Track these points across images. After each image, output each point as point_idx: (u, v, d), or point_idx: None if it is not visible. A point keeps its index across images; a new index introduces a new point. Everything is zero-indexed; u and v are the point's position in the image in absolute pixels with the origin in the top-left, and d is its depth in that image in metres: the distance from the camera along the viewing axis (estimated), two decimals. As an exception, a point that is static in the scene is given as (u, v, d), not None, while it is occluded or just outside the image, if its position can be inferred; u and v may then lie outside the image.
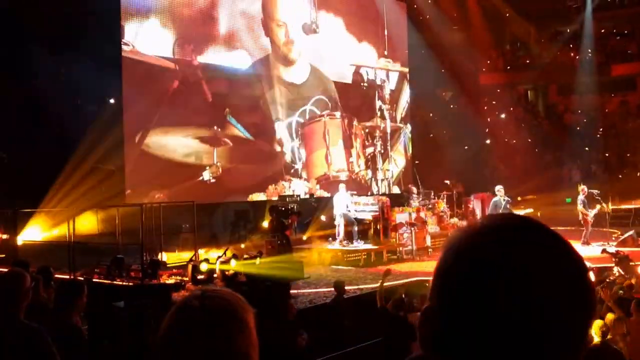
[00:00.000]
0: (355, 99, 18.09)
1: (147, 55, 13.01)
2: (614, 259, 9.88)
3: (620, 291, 7.48)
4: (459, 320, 0.76)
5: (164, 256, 10.33)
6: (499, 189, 13.74)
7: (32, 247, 10.32)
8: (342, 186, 13.89)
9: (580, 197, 14.12)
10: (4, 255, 10.10)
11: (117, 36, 12.56)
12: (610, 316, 5.81)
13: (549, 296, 0.73)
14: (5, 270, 5.73)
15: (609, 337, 5.35)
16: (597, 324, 5.19)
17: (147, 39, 13.03)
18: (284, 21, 16.03)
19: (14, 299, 3.23)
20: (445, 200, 15.27)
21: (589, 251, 13.33)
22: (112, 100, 12.65)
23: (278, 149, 15.74)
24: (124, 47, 12.65)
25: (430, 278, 0.82)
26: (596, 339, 5.18)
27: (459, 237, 0.80)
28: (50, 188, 10.99)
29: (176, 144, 13.41)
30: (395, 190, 18.58)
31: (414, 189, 15.45)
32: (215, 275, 9.10)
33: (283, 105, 15.97)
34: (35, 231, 10.95)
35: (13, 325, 3.17)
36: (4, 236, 10.70)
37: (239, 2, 14.95)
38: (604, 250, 12.68)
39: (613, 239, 14.15)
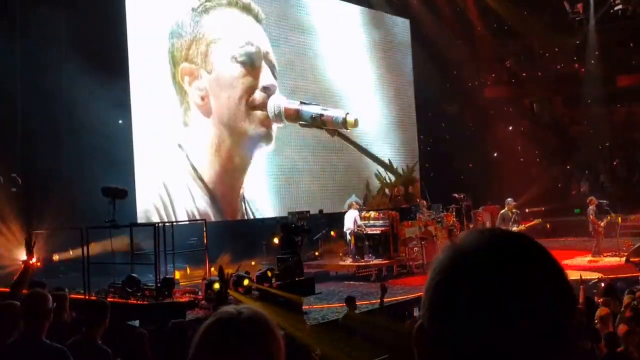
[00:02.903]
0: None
1: (153, 78, 13.23)
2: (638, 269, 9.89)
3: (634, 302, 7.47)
4: (450, 337, 0.79)
5: (176, 274, 10.42)
6: (509, 201, 13.78)
7: (46, 267, 10.41)
8: (352, 204, 14.04)
9: (591, 208, 14.13)
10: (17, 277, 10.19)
11: (125, 59, 12.77)
12: (623, 327, 5.82)
13: (538, 309, 0.77)
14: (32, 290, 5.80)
15: (621, 348, 5.36)
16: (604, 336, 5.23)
17: (153, 63, 13.25)
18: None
19: (37, 320, 3.28)
20: (454, 213, 15.30)
21: (601, 262, 13.35)
22: (120, 121, 12.82)
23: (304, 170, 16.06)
24: (131, 70, 12.87)
25: None
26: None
27: (447, 257, 0.84)
28: (66, 209, 11.10)
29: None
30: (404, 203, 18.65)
31: (423, 203, 15.51)
32: (228, 292, 9.15)
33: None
34: (49, 251, 11.03)
35: (36, 346, 3.22)
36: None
37: (241, 31, 15.10)
38: (627, 260, 12.71)
39: (624, 249, 14.11)
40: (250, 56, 14.77)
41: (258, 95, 14.91)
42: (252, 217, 14.75)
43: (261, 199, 15.03)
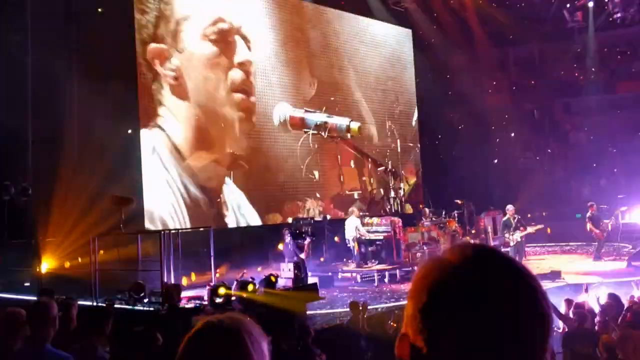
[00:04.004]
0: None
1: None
2: None
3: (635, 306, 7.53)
4: (437, 346, 0.84)
5: (182, 280, 10.57)
6: (509, 208, 13.91)
7: (56, 275, 10.57)
8: (352, 211, 14.17)
9: (589, 214, 14.25)
10: (28, 284, 10.36)
11: (134, 66, 12.90)
12: (619, 333, 5.92)
13: (517, 320, 0.83)
14: (33, 299, 5.95)
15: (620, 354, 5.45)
16: (603, 341, 5.33)
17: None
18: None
19: (42, 327, 3.30)
20: (456, 219, 15.41)
21: (602, 266, 13.43)
22: (130, 131, 12.96)
23: (292, 169, 16.02)
24: (140, 76, 12.97)
25: None
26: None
27: (429, 270, 0.88)
28: (71, 217, 11.25)
29: (193, 168, 13.68)
30: (408, 209, 18.77)
31: (426, 209, 15.63)
32: (233, 299, 9.28)
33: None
34: (59, 260, 11.19)
35: (41, 353, 3.24)
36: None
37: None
38: (629, 264, 12.80)
39: (625, 252, 14.22)
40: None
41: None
42: (247, 222, 14.77)
43: (264, 204, 15.16)
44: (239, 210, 14.50)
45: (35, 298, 7.25)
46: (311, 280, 11.35)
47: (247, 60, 14.82)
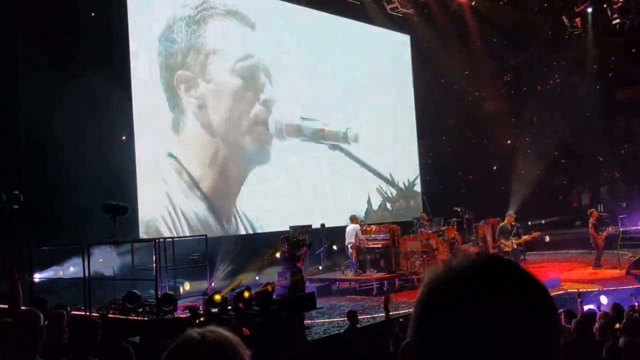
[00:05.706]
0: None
1: (153, 95, 13.32)
2: None
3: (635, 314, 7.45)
4: (437, 356, 0.82)
5: (178, 290, 10.44)
6: (509, 214, 13.82)
7: (48, 284, 10.45)
8: (353, 217, 14.07)
9: (591, 221, 14.15)
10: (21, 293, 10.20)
11: (127, 77, 12.84)
12: (623, 339, 5.82)
13: (522, 332, 0.80)
14: (23, 308, 5.78)
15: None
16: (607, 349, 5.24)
17: (154, 80, 13.33)
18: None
19: (29, 339, 3.25)
20: (455, 227, 15.30)
21: (601, 274, 13.33)
22: (123, 138, 12.89)
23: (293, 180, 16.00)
24: (133, 86, 12.93)
25: None
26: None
27: (436, 277, 0.87)
28: (68, 226, 11.14)
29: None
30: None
31: (424, 217, 15.52)
32: (229, 308, 9.15)
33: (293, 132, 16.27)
34: (52, 268, 11.07)
35: None
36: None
37: (241, 43, 15.24)
38: (628, 272, 12.72)
39: (624, 260, 14.11)
40: (251, 69, 14.85)
41: (259, 109, 14.96)
42: (250, 230, 14.76)
43: (263, 212, 15.06)
44: (241, 220, 14.55)
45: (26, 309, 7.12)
46: (309, 289, 11.23)
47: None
